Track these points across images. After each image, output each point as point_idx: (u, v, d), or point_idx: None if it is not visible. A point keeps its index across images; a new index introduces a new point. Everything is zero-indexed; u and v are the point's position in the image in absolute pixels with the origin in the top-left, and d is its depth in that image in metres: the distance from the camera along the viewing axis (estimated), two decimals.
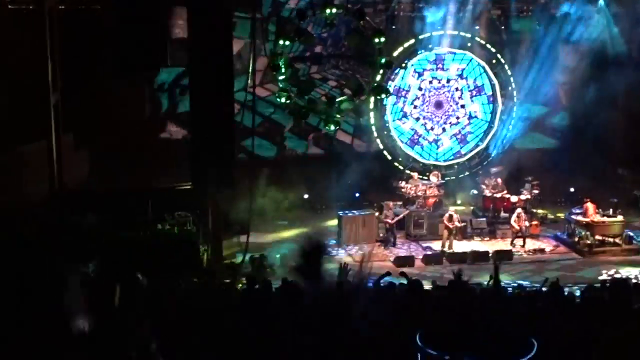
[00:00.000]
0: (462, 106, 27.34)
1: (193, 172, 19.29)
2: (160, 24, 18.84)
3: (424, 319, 6.13)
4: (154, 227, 19.26)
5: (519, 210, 22.89)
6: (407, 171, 26.00)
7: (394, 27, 25.22)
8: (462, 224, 22.88)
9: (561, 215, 24.71)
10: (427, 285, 12.72)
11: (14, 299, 7.86)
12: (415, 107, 26.99)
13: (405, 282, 11.88)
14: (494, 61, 26.76)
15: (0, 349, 5.67)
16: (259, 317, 6.36)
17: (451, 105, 27.20)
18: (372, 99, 24.61)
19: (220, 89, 18.66)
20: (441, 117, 27.19)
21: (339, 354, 5.62)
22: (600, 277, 18.82)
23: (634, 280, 16.91)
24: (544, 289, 12.32)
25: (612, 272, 20.08)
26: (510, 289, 14.59)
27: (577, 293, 13.11)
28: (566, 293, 12.18)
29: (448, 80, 26.99)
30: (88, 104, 21.63)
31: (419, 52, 26.06)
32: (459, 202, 26.32)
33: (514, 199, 24.21)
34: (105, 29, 20.75)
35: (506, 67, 26.85)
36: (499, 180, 24.90)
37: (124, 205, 19.49)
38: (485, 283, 11.46)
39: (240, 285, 17.26)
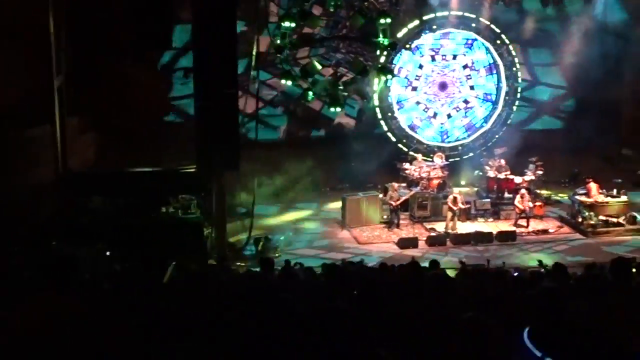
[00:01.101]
0: (472, 87, 27.26)
1: (198, 154, 19.31)
2: (164, 6, 18.80)
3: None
4: (158, 209, 19.35)
5: (522, 191, 22.91)
6: (411, 153, 25.99)
7: (397, 8, 25.10)
8: (466, 206, 22.91)
9: (565, 196, 24.74)
10: None
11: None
12: (414, 89, 26.92)
13: None
14: (498, 42, 26.66)
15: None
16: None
17: (457, 87, 27.11)
18: (375, 81, 24.57)
19: (224, 70, 18.63)
20: (445, 100, 27.12)
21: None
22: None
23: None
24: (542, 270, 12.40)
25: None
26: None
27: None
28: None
29: (454, 57, 26.88)
30: (93, 87, 21.64)
31: (423, 33, 25.96)
32: (463, 183, 26.31)
33: (518, 179, 24.22)
34: (110, 11, 20.74)
35: (510, 47, 26.75)
36: (503, 161, 24.89)
37: (128, 188, 19.59)
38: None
39: (244, 267, 17.41)
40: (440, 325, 5.86)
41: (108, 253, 15.69)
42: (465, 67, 27.07)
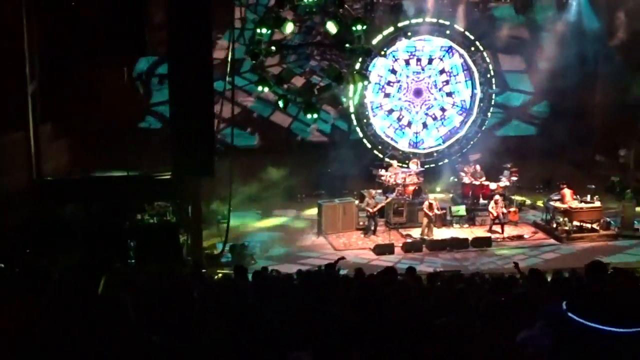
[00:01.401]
0: (449, 94, 27.41)
1: (173, 161, 19.22)
2: (139, 12, 18.69)
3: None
4: (133, 216, 19.23)
5: (496, 196, 23.03)
6: (387, 159, 26.05)
7: (373, 15, 25.17)
8: (442, 212, 23.00)
9: (540, 202, 24.91)
10: None
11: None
12: (386, 95, 27.00)
13: None
14: (472, 48, 26.82)
15: None
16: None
17: (432, 94, 27.25)
18: (351, 87, 24.60)
19: (199, 77, 18.56)
20: (420, 107, 27.23)
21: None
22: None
23: None
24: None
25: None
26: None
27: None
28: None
29: (430, 61, 27.01)
30: (66, 93, 21.47)
31: (398, 40, 26.06)
32: (438, 189, 26.42)
33: (492, 186, 24.36)
34: (84, 17, 20.59)
35: (485, 54, 26.92)
36: (478, 167, 25.03)
37: (103, 195, 19.44)
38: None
39: (220, 275, 17.34)
40: (415, 330, 5.87)
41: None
42: (442, 71, 27.20)
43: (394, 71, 26.86)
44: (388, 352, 5.83)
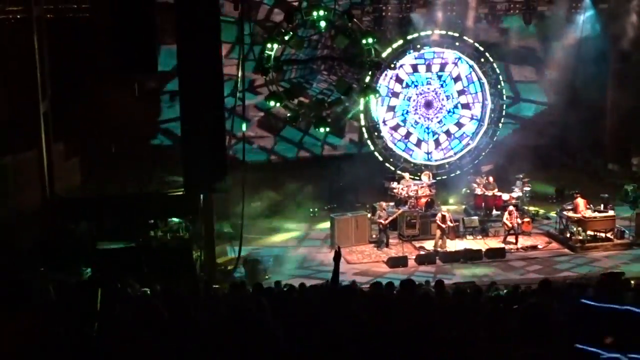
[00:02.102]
0: (459, 106, 27.43)
1: (185, 177, 19.25)
2: (149, 30, 18.79)
3: None
4: (146, 234, 19.27)
5: (510, 207, 22.97)
6: (399, 172, 26.03)
7: (382, 28, 25.22)
8: (455, 224, 22.93)
9: (553, 212, 24.80)
10: None
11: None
12: (406, 112, 27.08)
13: None
14: (482, 60, 26.82)
15: None
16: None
17: (440, 101, 27.24)
18: (362, 100, 24.63)
19: (210, 93, 18.60)
20: (432, 119, 27.23)
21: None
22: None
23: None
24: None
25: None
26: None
27: None
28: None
29: (439, 77, 27.04)
30: (78, 112, 21.60)
31: (407, 53, 26.11)
32: (450, 201, 26.36)
33: (505, 196, 24.30)
34: (93, 36, 20.75)
35: (495, 65, 26.91)
36: (490, 178, 24.97)
37: (116, 212, 19.50)
38: None
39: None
40: (428, 341, 5.86)
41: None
42: (456, 80, 27.21)
43: (399, 80, 26.85)
44: None
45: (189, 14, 18.10)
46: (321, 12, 21.59)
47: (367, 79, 23.99)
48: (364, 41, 21.42)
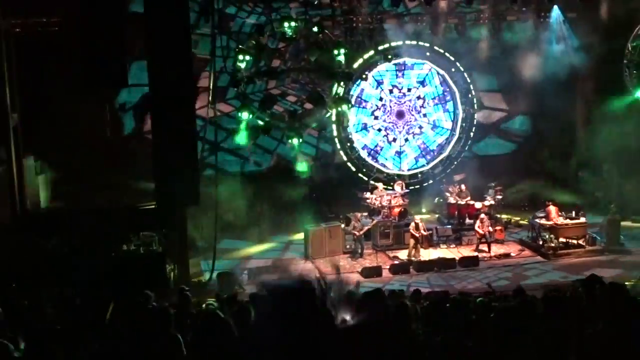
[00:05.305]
0: (425, 115, 27.56)
1: (157, 190, 19.16)
2: (119, 44, 18.70)
3: None
4: (119, 247, 19.10)
5: (482, 215, 23.09)
6: (372, 182, 26.08)
7: (353, 39, 25.32)
8: (428, 232, 23.01)
9: (525, 219, 24.96)
10: None
11: None
12: (375, 117, 27.16)
13: None
14: (453, 69, 26.99)
15: None
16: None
17: (413, 115, 27.38)
18: (333, 111, 24.71)
19: (181, 106, 18.57)
20: (403, 127, 27.36)
21: None
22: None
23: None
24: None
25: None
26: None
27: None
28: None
29: (409, 89, 27.20)
30: (48, 126, 21.42)
31: (378, 63, 26.22)
32: (424, 210, 26.48)
33: (478, 205, 24.44)
34: (62, 50, 20.60)
35: (465, 75, 27.08)
36: (463, 187, 25.11)
37: (88, 227, 19.31)
38: None
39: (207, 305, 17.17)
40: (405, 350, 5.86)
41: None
42: (418, 97, 27.40)
43: (381, 98, 27.01)
44: None
45: (159, 27, 18.08)
46: (292, 24, 21.66)
47: (339, 89, 24.06)
48: (334, 52, 21.48)
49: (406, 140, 27.58)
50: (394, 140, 27.47)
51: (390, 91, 27.18)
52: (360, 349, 2.99)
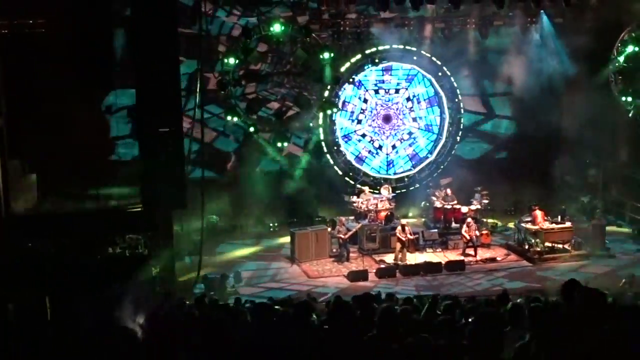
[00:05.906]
0: (415, 119, 27.53)
1: (143, 193, 19.10)
2: (106, 46, 18.65)
3: None
4: (105, 250, 19.02)
5: (468, 219, 23.15)
6: (358, 185, 26.08)
7: (340, 42, 25.31)
8: (414, 236, 23.02)
9: (511, 224, 25.04)
10: None
11: None
12: (359, 122, 27.06)
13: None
14: (439, 73, 27.03)
15: None
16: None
17: (400, 119, 27.34)
18: (320, 115, 24.71)
19: (168, 108, 18.51)
20: (390, 132, 27.30)
21: None
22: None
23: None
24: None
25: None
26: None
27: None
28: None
29: (397, 90, 27.11)
30: (34, 128, 21.31)
31: (365, 67, 26.21)
32: (410, 214, 26.51)
33: (464, 209, 24.49)
34: (49, 52, 20.51)
35: (452, 79, 27.12)
36: (449, 191, 25.15)
37: (73, 229, 19.22)
38: None
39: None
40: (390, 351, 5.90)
41: None
42: (408, 99, 27.34)
43: (365, 100, 26.91)
44: None
45: (145, 29, 18.04)
46: (279, 27, 21.65)
47: (326, 93, 24.05)
48: (321, 56, 21.49)
49: (394, 147, 27.50)
50: (380, 148, 27.36)
51: (376, 92, 27.07)
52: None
